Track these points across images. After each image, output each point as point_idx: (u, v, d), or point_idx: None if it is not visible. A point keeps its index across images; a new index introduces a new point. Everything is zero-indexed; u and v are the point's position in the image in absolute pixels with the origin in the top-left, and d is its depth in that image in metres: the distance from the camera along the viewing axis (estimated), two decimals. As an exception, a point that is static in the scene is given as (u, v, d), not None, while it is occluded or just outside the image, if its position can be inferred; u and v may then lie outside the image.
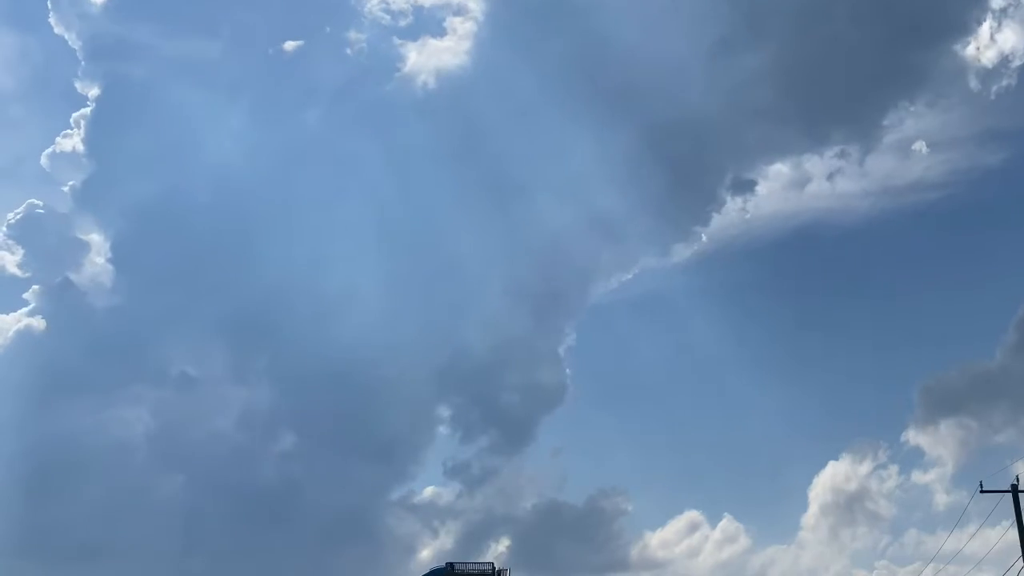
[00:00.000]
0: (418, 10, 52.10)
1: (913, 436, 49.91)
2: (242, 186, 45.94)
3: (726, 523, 49.58)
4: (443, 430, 44.69)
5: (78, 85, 47.07)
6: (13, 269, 47.38)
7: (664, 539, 49.23)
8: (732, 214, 49.16)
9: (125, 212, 44.24)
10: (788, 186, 53.03)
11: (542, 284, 43.99)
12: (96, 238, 46.26)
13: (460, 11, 50.78)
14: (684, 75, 43.79)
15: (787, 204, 56.14)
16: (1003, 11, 48.19)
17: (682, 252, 48.47)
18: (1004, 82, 48.67)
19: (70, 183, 46.15)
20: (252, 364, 43.16)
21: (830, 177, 50.88)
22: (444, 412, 44.51)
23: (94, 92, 45.70)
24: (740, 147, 46.15)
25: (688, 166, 44.72)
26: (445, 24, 50.35)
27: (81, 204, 45.93)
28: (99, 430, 41.19)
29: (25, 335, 42.58)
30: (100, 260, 45.51)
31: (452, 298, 43.65)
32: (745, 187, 46.38)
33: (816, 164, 50.12)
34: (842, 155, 48.44)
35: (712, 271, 58.86)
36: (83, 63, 46.63)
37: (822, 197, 54.55)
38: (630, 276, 48.42)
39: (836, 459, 49.86)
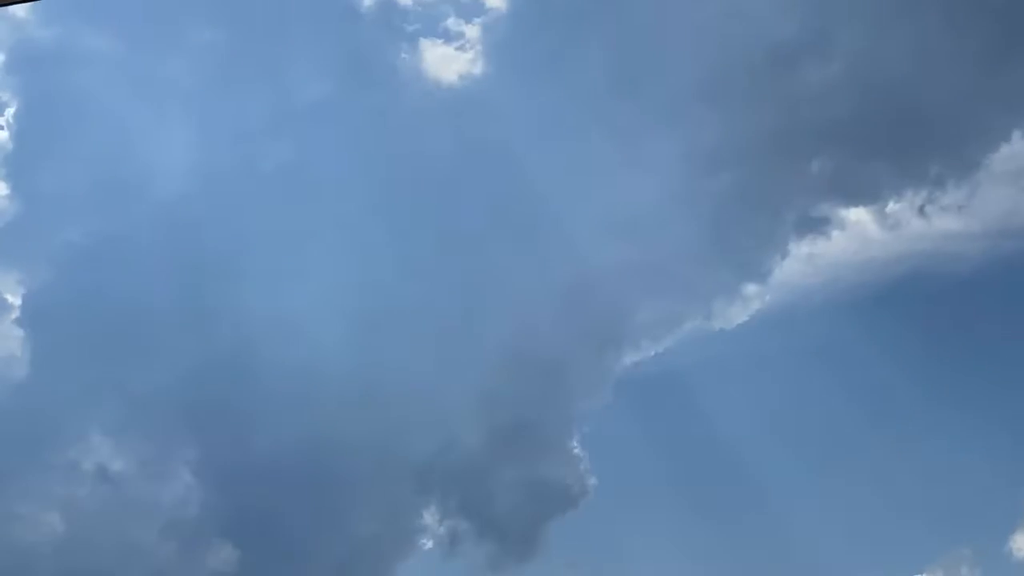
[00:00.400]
0: (420, 13, 46.50)
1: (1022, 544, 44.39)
2: (190, 227, 41.05)
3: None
4: (426, 541, 39.50)
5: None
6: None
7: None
8: (799, 264, 42.90)
9: (41, 262, 40.04)
10: (872, 227, 46.52)
11: (553, 352, 39.20)
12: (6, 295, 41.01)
13: (469, 13, 46.17)
14: (736, 89, 39.78)
15: (871, 250, 48.67)
16: None
17: (734, 313, 41.92)
18: None
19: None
20: (185, 454, 38.34)
21: (926, 216, 44.32)
22: (427, 518, 39.49)
23: (9, 111, 41.42)
24: (808, 179, 41.11)
25: (742, 203, 40.02)
26: (450, 27, 45.75)
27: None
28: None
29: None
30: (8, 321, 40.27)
31: (440, 369, 38.83)
32: (815, 229, 41.25)
33: (907, 200, 43.92)
34: (941, 188, 42.52)
35: (772, 337, 50.69)
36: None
37: (919, 240, 47.15)
38: (667, 344, 42.57)
39: (920, 573, 44.34)
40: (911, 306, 49.05)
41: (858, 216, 43.28)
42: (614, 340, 40.76)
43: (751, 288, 41.13)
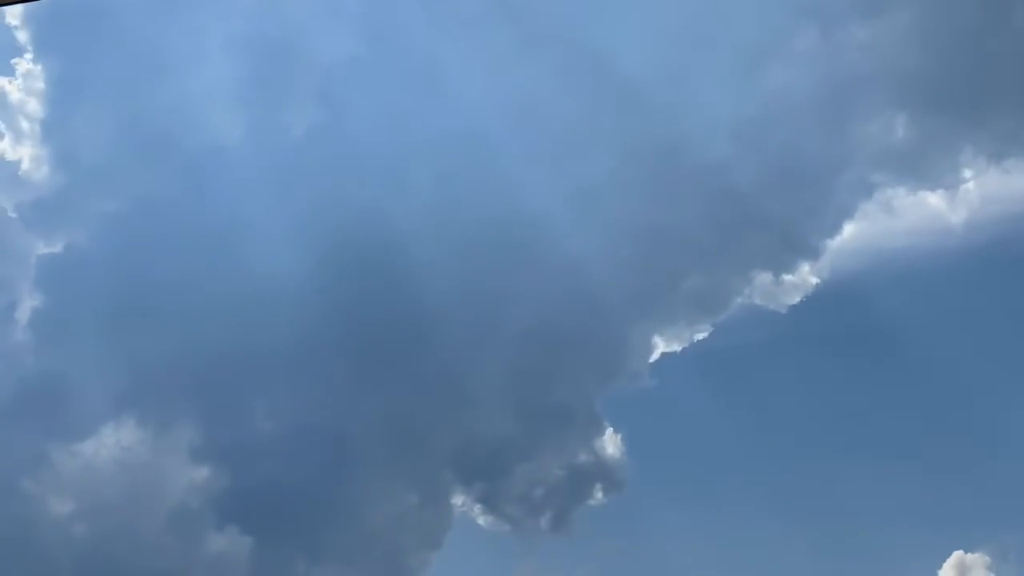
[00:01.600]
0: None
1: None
2: (222, 190, 38.65)
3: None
4: (455, 533, 37.37)
5: None
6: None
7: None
8: (860, 230, 39.17)
9: (74, 227, 37.70)
10: (950, 188, 41.83)
11: (585, 332, 36.60)
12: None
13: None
14: (788, 37, 35.80)
15: (951, 213, 43.67)
16: None
17: (784, 292, 38.41)
18: None
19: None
20: (192, 431, 35.91)
21: (1008, 173, 40.05)
22: (455, 501, 37.13)
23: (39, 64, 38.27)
24: (869, 135, 37.13)
25: (793, 163, 36.28)
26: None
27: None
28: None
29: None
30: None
31: (472, 349, 36.79)
32: (880, 190, 37.41)
33: (988, 155, 39.50)
34: (1018, 146, 38.49)
35: (831, 313, 46.91)
36: None
37: (999, 203, 42.58)
38: (713, 323, 39.15)
39: (969, 551, 40.30)
40: (992, 276, 45.07)
41: (931, 169, 39.23)
42: (654, 319, 38.22)
43: (804, 261, 37.80)
